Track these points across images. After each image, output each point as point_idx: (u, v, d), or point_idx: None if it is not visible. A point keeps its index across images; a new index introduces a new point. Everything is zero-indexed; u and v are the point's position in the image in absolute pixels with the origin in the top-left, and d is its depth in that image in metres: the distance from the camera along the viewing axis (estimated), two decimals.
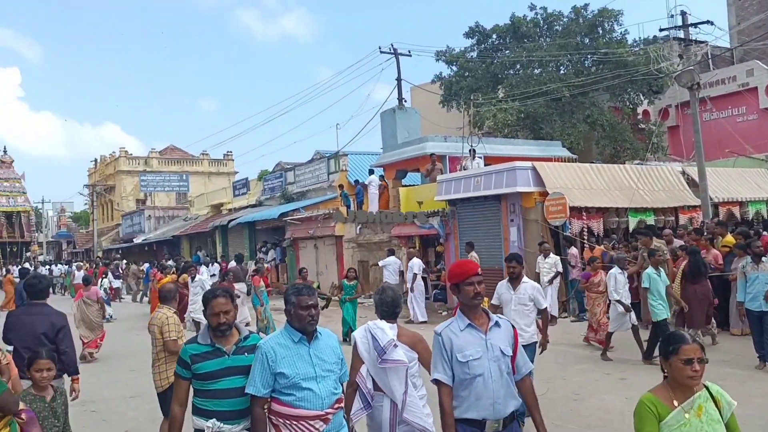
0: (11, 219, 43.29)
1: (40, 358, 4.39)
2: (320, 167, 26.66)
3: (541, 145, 22.28)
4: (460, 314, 3.65)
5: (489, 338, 3.56)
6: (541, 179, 14.62)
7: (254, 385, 3.52)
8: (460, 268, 3.73)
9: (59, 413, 4.42)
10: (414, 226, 17.87)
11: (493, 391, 3.48)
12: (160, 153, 52.77)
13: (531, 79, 24.51)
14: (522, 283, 6.64)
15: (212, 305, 3.76)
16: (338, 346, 3.75)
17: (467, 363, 3.49)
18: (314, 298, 3.60)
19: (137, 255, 38.02)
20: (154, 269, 21.49)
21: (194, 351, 3.74)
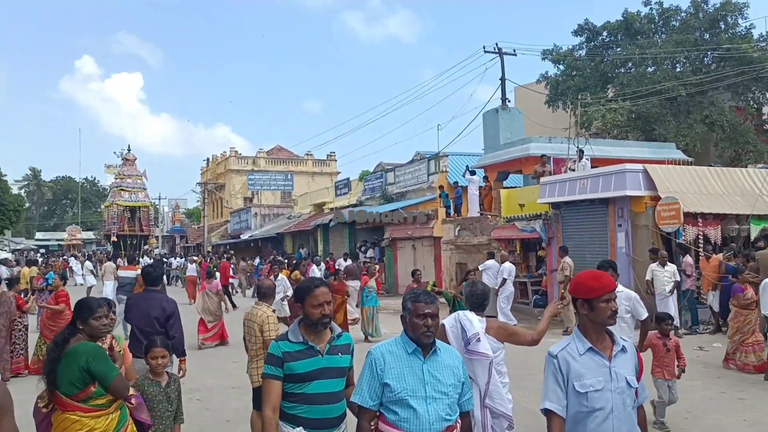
0: (134, 213, 45.83)
1: (155, 347, 4.67)
2: (420, 168, 26.63)
3: (653, 147, 21.14)
4: (579, 335, 3.15)
5: (614, 366, 3.05)
6: (653, 182, 13.82)
7: (361, 394, 3.15)
8: (598, 281, 3.14)
9: (173, 398, 4.67)
10: (515, 228, 17.45)
11: (614, 428, 2.99)
12: (268, 153, 54.67)
13: (644, 78, 23.35)
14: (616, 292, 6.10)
15: (314, 295, 3.41)
16: (461, 367, 3.29)
17: (586, 394, 2.99)
18: (433, 307, 3.20)
19: (243, 251, 39.57)
20: (267, 264, 22.26)
21: (286, 348, 3.38)
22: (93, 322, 4.01)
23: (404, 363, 3.14)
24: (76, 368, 3.73)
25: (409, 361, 3.15)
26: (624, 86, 23.42)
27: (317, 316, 3.40)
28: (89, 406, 3.77)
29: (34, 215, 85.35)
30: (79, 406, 3.74)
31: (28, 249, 59.93)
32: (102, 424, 3.80)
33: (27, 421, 7.45)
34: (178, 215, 66.74)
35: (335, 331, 3.52)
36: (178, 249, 56.03)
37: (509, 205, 18.05)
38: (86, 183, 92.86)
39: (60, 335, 3.97)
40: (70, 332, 3.94)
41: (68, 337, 3.90)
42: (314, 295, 3.42)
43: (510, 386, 4.79)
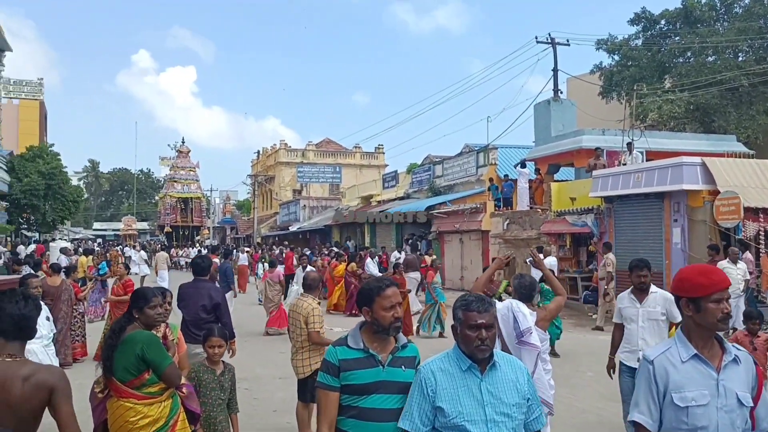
0: (187, 205, 46.58)
1: (213, 336, 4.78)
2: (469, 161, 26.36)
3: (712, 140, 20.37)
4: (682, 339, 2.71)
5: (723, 378, 2.60)
6: (712, 176, 13.31)
7: (411, 419, 2.77)
8: (707, 277, 2.66)
9: (226, 387, 4.76)
10: (565, 223, 17.11)
11: None
12: (317, 146, 55.10)
13: (703, 68, 22.53)
14: (651, 293, 5.72)
15: (385, 296, 3.00)
16: (526, 381, 2.86)
17: (686, 409, 2.58)
18: (487, 316, 2.76)
19: (292, 242, 40.01)
20: (326, 257, 22.10)
21: (344, 356, 2.99)
22: (148, 311, 4.08)
23: (458, 382, 2.75)
24: (132, 355, 3.81)
25: (464, 379, 2.75)
26: (682, 76, 22.65)
27: (389, 320, 2.99)
28: (143, 393, 3.84)
29: (91, 206, 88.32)
30: (133, 393, 3.82)
31: (86, 238, 62.07)
32: (155, 411, 3.86)
33: (84, 405, 7.68)
34: (229, 207, 67.97)
35: (400, 340, 3.10)
36: (228, 240, 57.08)
37: (560, 198, 17.69)
38: (141, 175, 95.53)
39: (117, 323, 4.08)
40: (127, 320, 4.05)
41: (125, 325, 4.00)
42: (385, 296, 3.01)
43: (560, 383, 4.82)
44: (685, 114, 22.15)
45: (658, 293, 5.71)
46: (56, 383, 2.77)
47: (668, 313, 5.60)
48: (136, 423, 3.79)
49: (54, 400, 2.75)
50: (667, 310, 5.59)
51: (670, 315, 5.60)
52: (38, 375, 2.76)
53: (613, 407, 7.60)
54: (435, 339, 12.68)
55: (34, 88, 46.89)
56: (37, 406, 2.74)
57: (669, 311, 5.58)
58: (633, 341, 5.74)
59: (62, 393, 2.77)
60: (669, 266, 13.95)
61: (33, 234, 39.01)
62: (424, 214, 25.15)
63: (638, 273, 5.73)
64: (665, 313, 5.61)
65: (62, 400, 2.77)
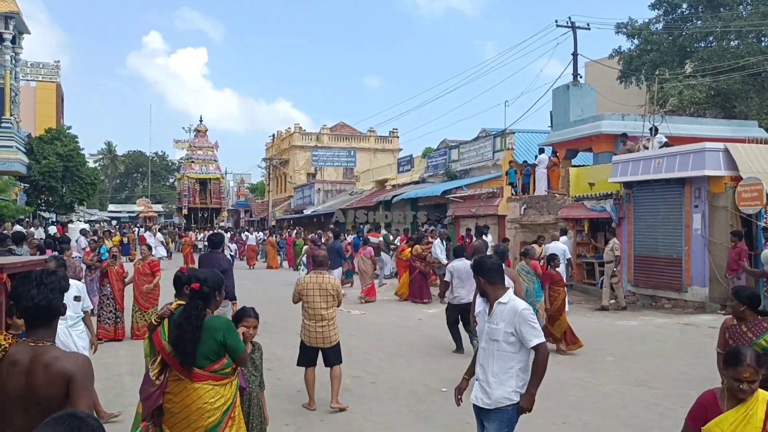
0: (205, 186, 44.88)
1: (249, 317, 4.82)
2: (485, 145, 26.22)
3: (733, 125, 20.14)
4: None
5: None
6: (734, 162, 13.20)
7: None
8: None
9: (258, 365, 4.89)
10: (584, 208, 17.03)
11: None
12: (331, 129, 55.05)
13: (726, 53, 22.22)
14: (498, 303, 4.13)
15: None
16: None
17: None
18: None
19: (306, 225, 40.15)
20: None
21: None
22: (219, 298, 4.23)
23: None
24: (213, 342, 3.84)
25: None
26: (704, 61, 22.35)
27: None
28: (219, 374, 3.89)
29: (107, 188, 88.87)
30: (211, 376, 3.85)
31: (101, 220, 62.59)
32: (229, 391, 3.93)
33: (110, 382, 7.81)
34: (243, 190, 68.22)
35: None
36: (242, 223, 57.36)
37: (578, 183, 17.60)
38: (156, 157, 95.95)
39: (195, 313, 3.89)
40: (202, 310, 3.92)
41: (203, 315, 3.91)
42: None
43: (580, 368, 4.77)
44: (706, 99, 21.90)
45: (508, 305, 4.10)
46: (75, 372, 2.63)
47: (518, 333, 4.02)
48: (214, 404, 3.82)
49: (71, 390, 2.61)
50: (518, 331, 4.02)
51: (521, 337, 4.01)
52: (57, 363, 2.64)
53: (634, 392, 7.63)
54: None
55: (50, 71, 47.08)
56: (57, 394, 2.62)
57: (519, 332, 4.01)
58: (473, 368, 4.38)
59: (80, 384, 2.63)
60: (689, 252, 13.89)
61: (50, 215, 39.42)
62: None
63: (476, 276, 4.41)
64: (515, 333, 4.02)
65: (80, 392, 2.62)
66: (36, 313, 2.74)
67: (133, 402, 5.37)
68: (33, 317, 2.75)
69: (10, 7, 27.87)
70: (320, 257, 7.08)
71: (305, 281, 6.84)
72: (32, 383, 2.62)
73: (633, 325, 12.32)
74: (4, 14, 27.64)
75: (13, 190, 27.65)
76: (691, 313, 13.27)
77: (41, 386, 2.61)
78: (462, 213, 24.30)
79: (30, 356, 2.66)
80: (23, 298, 2.75)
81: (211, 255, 8.91)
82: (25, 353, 2.67)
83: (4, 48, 28.20)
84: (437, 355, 9.73)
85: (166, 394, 3.88)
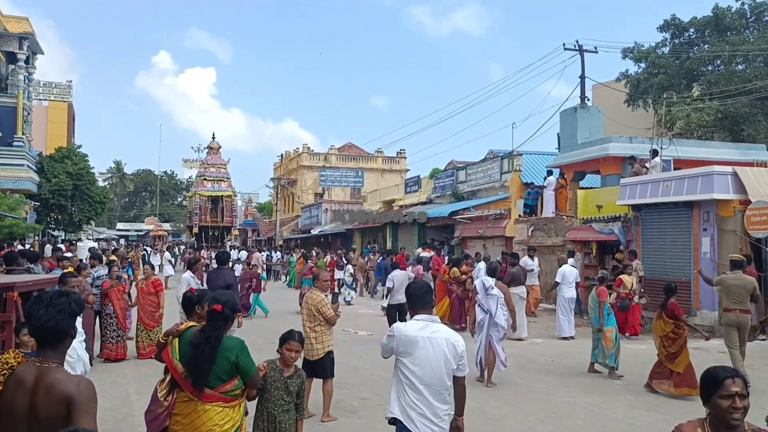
0: (217, 204, 43.77)
1: (293, 340, 4.81)
2: (493, 167, 26.29)
3: (741, 149, 20.14)
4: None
5: None
6: (743, 185, 13.18)
7: None
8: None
9: (292, 390, 4.68)
10: (592, 230, 17.01)
11: None
12: (339, 150, 55.34)
13: (733, 76, 22.30)
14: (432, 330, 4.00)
15: None
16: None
17: None
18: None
19: (313, 245, 40.20)
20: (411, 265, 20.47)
21: None
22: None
23: None
24: (226, 362, 3.83)
25: None
26: (711, 85, 22.43)
27: None
28: (230, 396, 3.87)
29: (115, 206, 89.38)
30: (222, 397, 3.83)
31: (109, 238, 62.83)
32: (238, 413, 3.91)
33: (118, 402, 7.80)
34: (251, 209, 68.37)
35: None
36: (249, 242, 57.44)
37: (586, 206, 17.60)
38: (165, 176, 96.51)
39: (215, 334, 3.86)
40: (218, 330, 3.90)
41: (220, 337, 3.88)
42: None
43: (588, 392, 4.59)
44: (714, 122, 21.93)
45: (439, 335, 3.99)
46: (75, 395, 2.58)
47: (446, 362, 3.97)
48: (223, 426, 3.78)
49: (72, 413, 2.56)
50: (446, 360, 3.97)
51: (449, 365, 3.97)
52: (59, 385, 2.60)
53: (645, 417, 7.56)
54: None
55: (62, 90, 47.61)
56: (59, 416, 2.57)
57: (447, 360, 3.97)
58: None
59: (81, 407, 2.57)
60: (698, 276, 13.81)
61: (59, 233, 39.59)
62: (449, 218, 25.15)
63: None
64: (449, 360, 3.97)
65: (81, 415, 2.55)
66: (43, 333, 2.72)
67: (141, 422, 5.36)
68: (41, 337, 2.74)
69: (24, 28, 28.32)
70: (316, 275, 7.86)
71: (305, 299, 7.47)
72: (35, 404, 2.61)
73: (642, 348, 12.23)
74: (18, 35, 28.07)
75: (24, 208, 27.82)
76: (700, 338, 13.12)
77: (43, 407, 2.60)
78: (469, 234, 24.29)
79: (35, 376, 2.64)
80: (32, 318, 2.74)
81: (218, 271, 10.04)
82: (31, 373, 2.66)
83: (18, 68, 28.61)
84: None
85: (174, 416, 3.83)
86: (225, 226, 43.66)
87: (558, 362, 10.84)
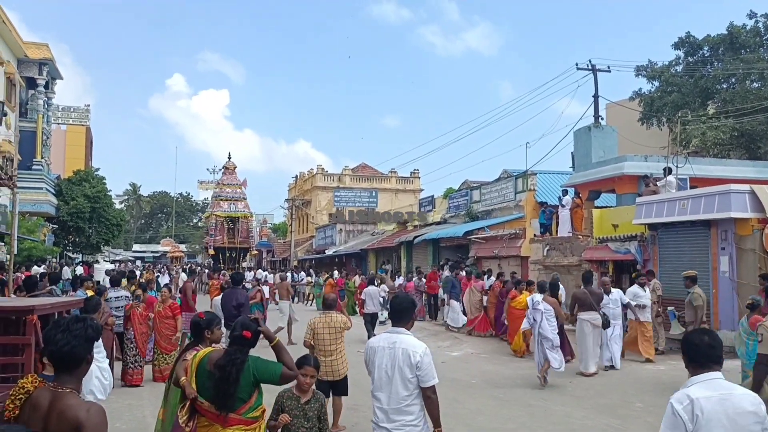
0: (234, 224, 42.99)
1: (308, 365, 4.78)
2: (507, 186, 26.25)
3: (758, 166, 19.99)
4: None
5: None
6: (761, 204, 13.03)
7: None
8: None
9: (310, 416, 4.65)
10: (608, 249, 16.89)
11: None
12: (353, 170, 55.59)
13: (749, 94, 22.17)
14: (394, 340, 4.19)
15: None
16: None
17: None
18: None
19: (328, 266, 40.22)
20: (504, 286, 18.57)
21: None
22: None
23: None
24: (246, 382, 3.86)
25: None
26: (726, 102, 22.33)
27: None
28: (248, 418, 3.88)
29: (132, 228, 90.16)
30: (242, 420, 3.85)
31: (125, 260, 63.31)
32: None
33: (134, 425, 7.81)
34: (265, 230, 68.64)
35: None
36: (264, 263, 57.60)
37: (602, 225, 17.49)
38: (180, 198, 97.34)
39: (241, 357, 3.88)
40: (243, 353, 3.92)
41: (245, 359, 3.90)
42: None
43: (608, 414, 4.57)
44: (730, 140, 21.80)
45: (400, 344, 4.16)
46: (85, 421, 2.58)
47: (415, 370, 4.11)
48: None
49: None
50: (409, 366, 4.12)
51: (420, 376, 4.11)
52: (69, 411, 2.62)
53: None
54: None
55: (81, 114, 48.44)
56: None
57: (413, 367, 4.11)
58: None
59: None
60: (716, 295, 13.65)
61: (77, 256, 39.97)
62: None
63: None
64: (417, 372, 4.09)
65: None
66: (59, 358, 2.74)
67: None
68: (56, 362, 2.75)
69: (44, 54, 28.90)
70: (330, 300, 7.98)
71: (316, 322, 7.50)
72: (48, 429, 2.62)
73: (661, 369, 12.06)
74: (38, 61, 28.64)
75: (42, 230, 28.18)
76: None
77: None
78: (484, 254, 24.21)
79: (49, 401, 2.66)
80: (49, 342, 2.77)
81: (233, 291, 10.92)
82: (46, 398, 2.68)
83: (38, 93, 29.15)
84: (456, 398, 9.58)
85: None
86: (242, 247, 43.11)
87: (576, 384, 10.72)
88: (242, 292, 11.43)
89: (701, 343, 3.15)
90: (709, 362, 3.11)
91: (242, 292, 11.43)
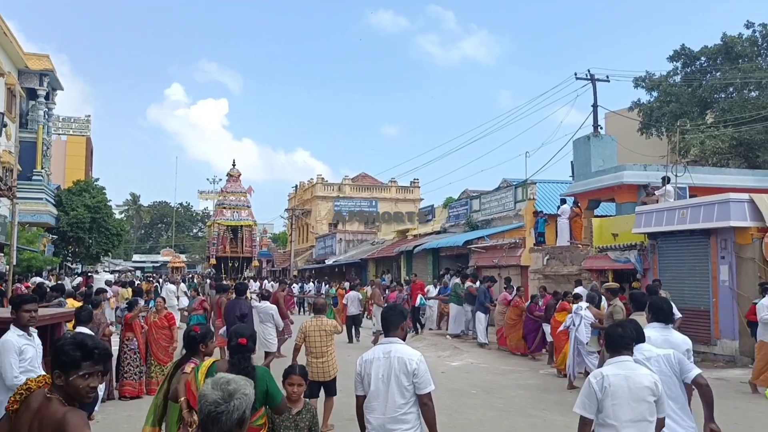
0: (236, 233, 42.17)
1: (294, 374, 4.71)
2: (507, 195, 26.29)
3: (757, 175, 20.03)
4: None
5: None
6: (760, 213, 13.07)
7: None
8: None
9: (302, 427, 4.57)
10: (608, 259, 16.89)
11: None
12: (353, 180, 55.68)
13: (747, 103, 22.25)
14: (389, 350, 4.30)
15: None
16: None
17: None
18: None
19: (328, 275, 40.18)
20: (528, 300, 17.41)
21: None
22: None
23: None
24: (259, 392, 3.82)
25: None
26: (725, 112, 22.42)
27: None
28: (256, 425, 3.87)
29: (132, 238, 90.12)
30: (251, 427, 3.77)
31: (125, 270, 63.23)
32: None
33: None
34: (265, 240, 68.59)
35: None
36: (264, 273, 57.56)
37: (602, 234, 17.50)
38: (180, 208, 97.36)
39: (247, 365, 3.90)
40: (250, 359, 3.97)
41: (252, 366, 3.93)
42: None
43: None
44: (729, 149, 21.86)
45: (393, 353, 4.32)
46: (63, 424, 2.62)
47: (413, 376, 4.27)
48: None
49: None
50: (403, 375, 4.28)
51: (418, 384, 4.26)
52: (52, 416, 2.65)
53: None
54: None
55: (81, 125, 48.54)
56: None
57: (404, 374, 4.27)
58: None
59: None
60: (717, 304, 13.66)
61: (77, 266, 39.93)
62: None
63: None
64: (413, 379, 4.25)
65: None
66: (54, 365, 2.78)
67: None
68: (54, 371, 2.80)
69: (44, 65, 29.00)
70: (319, 305, 8.43)
71: (307, 326, 7.92)
72: (33, 429, 2.69)
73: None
74: (39, 72, 28.74)
75: (42, 241, 28.18)
76: (721, 368, 12.94)
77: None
78: (484, 263, 24.20)
79: (39, 403, 2.71)
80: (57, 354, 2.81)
81: (236, 301, 11.14)
82: (38, 400, 2.73)
83: (38, 104, 29.23)
84: (457, 409, 9.56)
85: None
86: (245, 257, 42.04)
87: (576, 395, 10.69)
88: (245, 302, 11.47)
89: (614, 333, 4.13)
90: (620, 348, 4.06)
91: (245, 302, 11.47)
